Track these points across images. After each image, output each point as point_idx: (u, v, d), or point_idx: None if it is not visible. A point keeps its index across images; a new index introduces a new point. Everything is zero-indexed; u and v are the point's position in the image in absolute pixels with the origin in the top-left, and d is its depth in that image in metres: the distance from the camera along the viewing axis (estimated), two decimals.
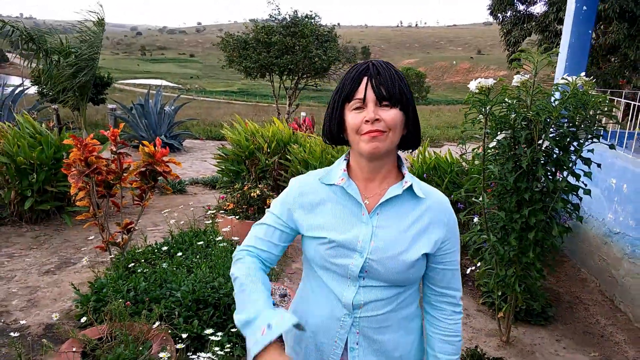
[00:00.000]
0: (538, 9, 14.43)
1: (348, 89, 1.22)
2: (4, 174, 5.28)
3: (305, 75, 16.16)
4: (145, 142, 3.54)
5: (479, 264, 3.54)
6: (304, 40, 14.75)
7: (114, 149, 3.38)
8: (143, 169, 3.56)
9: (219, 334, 2.78)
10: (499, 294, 3.39)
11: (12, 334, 2.64)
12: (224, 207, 4.95)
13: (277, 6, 15.76)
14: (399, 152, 1.35)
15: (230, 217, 4.73)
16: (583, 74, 3.06)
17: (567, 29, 5.55)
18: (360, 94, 1.20)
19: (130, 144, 11.34)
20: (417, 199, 1.29)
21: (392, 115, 1.20)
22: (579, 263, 4.93)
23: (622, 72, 11.74)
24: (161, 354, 2.49)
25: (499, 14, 15.31)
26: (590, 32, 5.42)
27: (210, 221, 4.48)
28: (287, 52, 14.96)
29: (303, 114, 14.16)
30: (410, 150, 1.33)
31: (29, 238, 5.16)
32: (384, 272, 1.24)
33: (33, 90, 16.93)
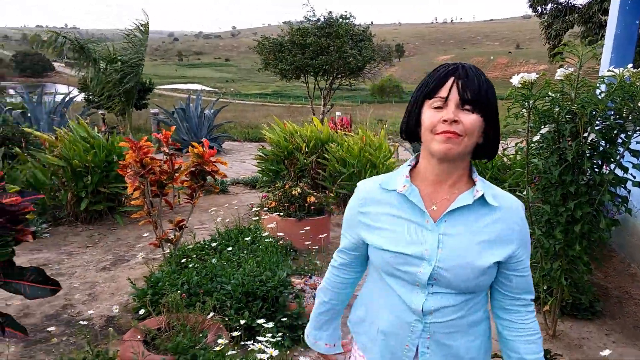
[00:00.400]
0: (580, 0, 14.03)
1: (432, 85, 1.21)
2: (61, 176, 5.60)
3: (339, 75, 16.24)
4: (194, 144, 3.71)
5: None
6: (339, 40, 14.84)
7: (167, 151, 3.57)
8: (193, 169, 3.73)
9: (270, 324, 2.90)
10: (545, 287, 3.38)
11: (81, 322, 2.83)
12: (267, 205, 5.10)
13: (312, 8, 15.92)
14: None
15: (274, 214, 4.88)
16: (630, 65, 3.02)
17: (612, 19, 5.42)
18: (443, 92, 1.19)
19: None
20: (489, 206, 1.25)
21: (472, 120, 1.18)
22: (628, 258, 4.82)
23: None
24: (219, 341, 2.63)
25: (539, 7, 14.97)
26: (637, 22, 5.28)
27: (257, 218, 4.63)
28: (321, 53, 15.09)
29: (338, 113, 14.27)
30: (486, 161, 1.32)
31: (85, 237, 5.46)
32: (454, 279, 1.23)
33: (80, 97, 17.67)
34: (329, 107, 16.15)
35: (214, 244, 4.10)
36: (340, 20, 15.37)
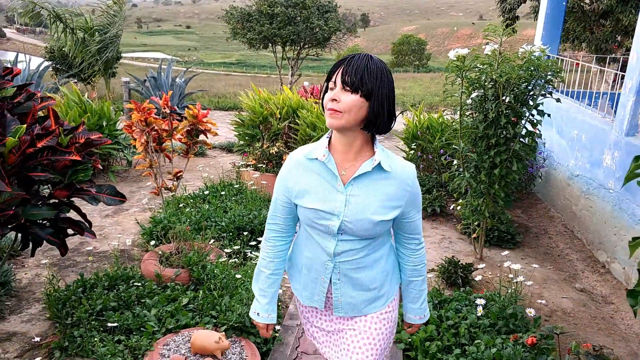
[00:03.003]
0: None
1: (330, 73, 1.49)
2: None
3: (307, 46, 16.80)
4: (190, 106, 4.40)
5: (460, 201, 4.45)
6: (306, 11, 15.37)
7: (168, 112, 4.25)
8: (189, 128, 4.43)
9: (256, 252, 3.70)
10: (473, 219, 4.29)
11: (100, 253, 3.55)
12: (247, 163, 5.84)
13: None
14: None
15: (254, 170, 5.63)
16: (547, 47, 3.88)
17: (543, 1, 6.31)
18: (334, 77, 1.46)
19: None
20: (385, 172, 1.53)
21: (349, 99, 1.42)
22: (549, 204, 5.84)
23: (614, 36, 12.21)
24: (220, 259, 3.43)
25: None
26: (564, 3, 6.18)
27: (241, 170, 5.36)
28: (289, 23, 15.58)
29: (306, 83, 14.88)
30: (380, 135, 1.55)
31: None
32: (356, 229, 1.53)
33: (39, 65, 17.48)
34: (296, 77, 16.74)
35: (206, 192, 4.84)
36: None
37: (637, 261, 1.75)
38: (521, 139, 3.92)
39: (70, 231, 2.55)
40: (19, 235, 2.44)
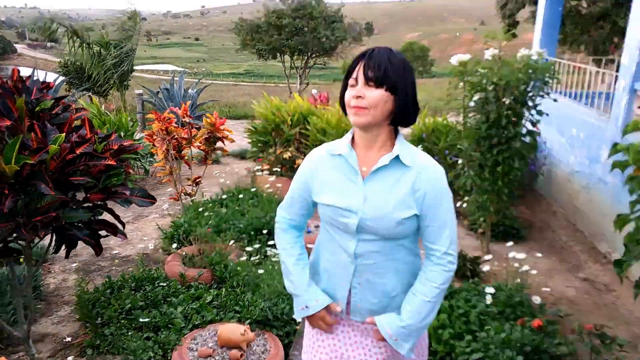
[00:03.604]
0: None
1: (349, 69, 1.46)
2: None
3: (314, 55, 17.10)
4: (208, 115, 4.65)
5: (466, 198, 4.64)
6: (313, 22, 15.69)
7: (187, 120, 4.50)
8: (207, 136, 4.68)
9: (275, 250, 3.91)
10: (480, 217, 4.47)
11: (123, 258, 3.79)
12: (262, 168, 6.08)
13: None
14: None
15: (268, 175, 5.87)
16: (538, 48, 4.08)
17: (541, 6, 6.51)
18: (355, 74, 1.43)
19: None
20: (405, 167, 1.46)
21: (375, 94, 1.39)
22: (552, 200, 6.00)
23: (611, 38, 12.42)
24: (242, 259, 3.65)
25: None
26: (560, 8, 6.37)
27: (256, 174, 5.60)
28: (296, 33, 15.91)
29: (314, 91, 15.16)
30: (407, 127, 1.53)
31: None
32: (376, 227, 1.46)
33: (52, 79, 17.95)
34: (304, 85, 17.03)
35: (224, 197, 5.08)
36: (314, 2, 16.20)
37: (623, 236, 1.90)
38: (522, 138, 4.10)
39: (103, 232, 2.78)
40: (53, 239, 2.68)
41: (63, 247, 2.58)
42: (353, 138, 1.55)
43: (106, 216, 2.60)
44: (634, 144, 1.38)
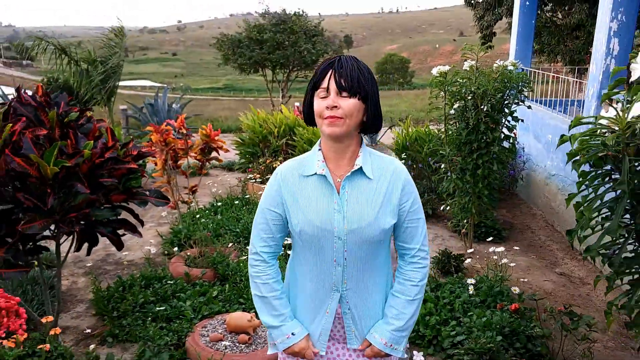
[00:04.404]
0: None
1: (316, 78, 1.42)
2: None
3: (295, 69, 17.46)
4: (203, 126, 4.89)
5: (449, 202, 4.95)
6: (294, 36, 16.07)
7: (184, 132, 4.73)
8: (202, 146, 4.91)
9: None
10: (462, 218, 4.78)
11: (126, 262, 3.99)
12: (254, 177, 6.32)
13: (267, 6, 17.06)
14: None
15: (259, 184, 6.11)
16: (517, 61, 4.44)
17: (515, 19, 6.95)
18: (324, 83, 1.39)
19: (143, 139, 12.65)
20: (369, 178, 1.47)
21: (349, 104, 1.38)
22: (532, 203, 6.37)
23: (587, 48, 12.94)
24: (242, 257, 3.88)
25: (472, 0, 16.52)
26: (533, 22, 6.82)
27: (248, 182, 5.84)
28: (278, 48, 16.25)
29: (297, 104, 15.50)
30: (373, 134, 1.92)
31: None
32: (360, 242, 1.46)
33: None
34: (287, 99, 17.34)
35: (219, 204, 5.30)
36: (294, 17, 16.60)
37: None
38: (500, 143, 4.44)
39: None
40: (74, 239, 2.89)
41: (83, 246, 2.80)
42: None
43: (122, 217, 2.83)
44: (575, 134, 1.68)
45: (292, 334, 1.54)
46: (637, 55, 1.65)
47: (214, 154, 5.13)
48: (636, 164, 1.56)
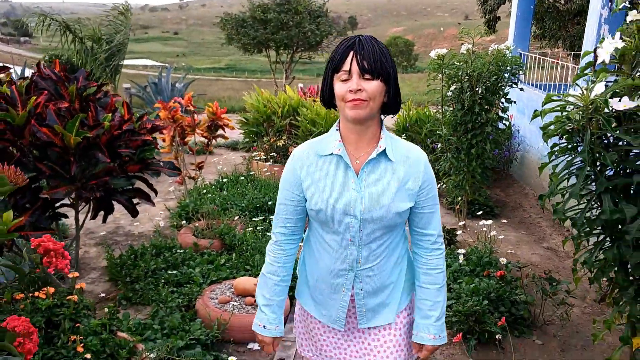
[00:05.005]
0: None
1: (337, 61, 1.39)
2: None
3: (299, 50, 17.52)
4: (209, 104, 5.08)
5: (445, 180, 5.17)
6: (298, 16, 16.11)
7: (192, 109, 4.93)
8: (209, 123, 5.12)
9: None
10: (457, 195, 5.00)
11: (136, 233, 4.23)
12: (258, 155, 6.54)
13: None
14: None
15: (263, 162, 6.33)
16: (512, 45, 4.62)
17: (514, 4, 7.07)
18: (346, 66, 1.36)
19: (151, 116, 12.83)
20: (392, 161, 1.47)
21: (373, 86, 1.37)
22: (524, 183, 6.59)
23: None
24: (247, 229, 4.11)
25: None
26: (532, 7, 6.94)
27: (253, 160, 6.07)
28: (282, 28, 16.30)
29: (301, 85, 15.64)
30: (392, 115, 1.52)
31: None
32: (376, 224, 1.47)
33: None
34: (290, 80, 17.45)
35: (224, 180, 5.53)
36: None
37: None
38: (493, 124, 4.64)
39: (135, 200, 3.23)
40: (90, 207, 3.13)
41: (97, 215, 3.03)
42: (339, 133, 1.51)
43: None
44: (545, 109, 1.89)
45: (264, 326, 1.59)
46: (604, 40, 1.84)
47: (220, 131, 5.33)
48: (596, 136, 1.77)
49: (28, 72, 11.49)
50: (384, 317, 1.57)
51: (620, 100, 1.71)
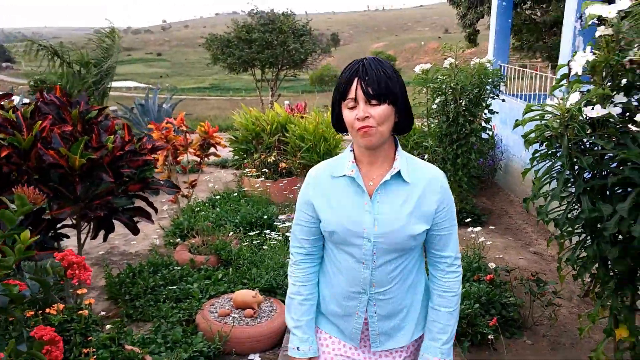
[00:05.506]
0: None
1: (342, 89, 1.37)
2: None
3: (284, 67, 17.79)
4: (201, 123, 5.20)
5: None
6: (282, 35, 16.40)
7: (184, 129, 5.04)
8: (201, 142, 5.22)
9: (273, 233, 4.49)
10: None
11: (131, 252, 4.30)
12: (250, 172, 6.64)
13: (255, 6, 17.37)
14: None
15: (255, 178, 6.44)
16: (493, 59, 4.82)
17: (493, 19, 7.34)
18: (351, 93, 1.34)
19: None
20: (407, 182, 1.43)
21: (380, 111, 1.34)
22: (510, 191, 6.78)
23: None
24: (243, 244, 4.20)
25: None
26: (509, 21, 7.22)
27: (244, 177, 6.17)
28: (267, 47, 16.57)
29: (287, 102, 15.84)
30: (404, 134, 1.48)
31: None
32: (390, 247, 1.43)
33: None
34: (276, 97, 17.66)
35: (217, 197, 5.62)
36: (282, 17, 16.93)
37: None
38: (477, 134, 4.83)
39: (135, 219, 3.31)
40: (91, 227, 3.20)
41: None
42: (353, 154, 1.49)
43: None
44: (525, 119, 2.05)
45: (297, 348, 1.56)
46: (576, 54, 2.01)
47: (212, 150, 5.44)
48: (573, 142, 1.92)
49: (17, 99, 11.52)
50: (398, 340, 1.55)
51: (593, 108, 1.87)
